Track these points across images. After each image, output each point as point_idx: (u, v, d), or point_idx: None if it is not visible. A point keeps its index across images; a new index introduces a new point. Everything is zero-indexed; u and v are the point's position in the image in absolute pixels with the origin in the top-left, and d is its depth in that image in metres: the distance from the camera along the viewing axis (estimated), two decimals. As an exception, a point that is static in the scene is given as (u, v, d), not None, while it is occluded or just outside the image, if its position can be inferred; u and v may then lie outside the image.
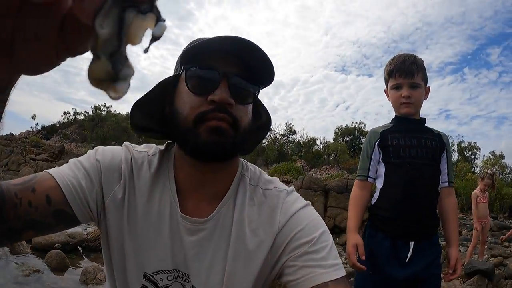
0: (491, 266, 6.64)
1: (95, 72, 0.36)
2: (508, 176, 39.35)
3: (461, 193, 20.89)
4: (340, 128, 56.50)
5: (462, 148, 50.75)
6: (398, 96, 2.50)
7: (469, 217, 18.29)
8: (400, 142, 2.46)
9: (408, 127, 2.54)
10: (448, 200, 2.54)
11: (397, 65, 2.48)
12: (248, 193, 1.17)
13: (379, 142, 2.54)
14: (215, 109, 1.01)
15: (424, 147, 2.45)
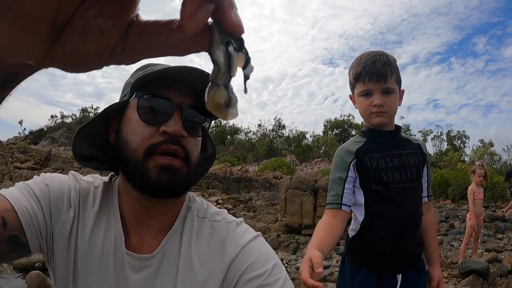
0: (486, 265, 6.51)
1: (216, 99, 0.40)
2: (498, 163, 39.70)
3: (452, 183, 20.89)
4: (329, 121, 56.89)
5: (451, 137, 51.42)
6: (368, 105, 2.07)
7: (460, 208, 18.34)
8: (380, 164, 2.06)
9: (385, 142, 2.14)
10: (427, 216, 2.22)
11: (366, 67, 2.03)
12: (195, 225, 1.13)
13: (355, 164, 2.09)
14: (168, 140, 0.97)
15: (408, 166, 2.09)
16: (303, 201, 9.88)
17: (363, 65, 2.05)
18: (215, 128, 57.99)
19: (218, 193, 17.72)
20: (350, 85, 2.21)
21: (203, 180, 19.30)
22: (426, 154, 2.21)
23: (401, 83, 2.15)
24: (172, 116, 0.98)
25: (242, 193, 18.75)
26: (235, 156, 42.81)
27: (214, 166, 26.19)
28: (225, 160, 33.38)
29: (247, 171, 26.18)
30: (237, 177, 21.58)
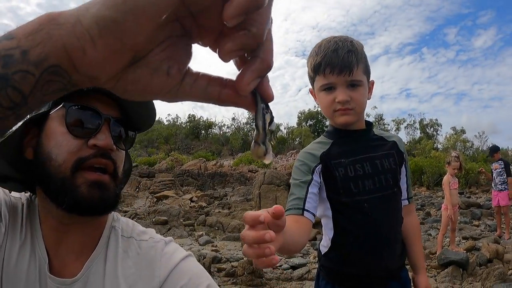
0: (465, 256, 6.46)
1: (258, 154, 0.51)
2: (470, 150, 40.56)
3: (427, 170, 21.17)
4: (303, 112, 56.99)
5: (424, 126, 52.53)
6: (330, 101, 1.72)
7: (436, 195, 18.49)
8: (349, 172, 1.73)
9: (354, 144, 1.81)
10: (409, 220, 1.93)
11: (327, 56, 1.67)
12: (121, 246, 1.07)
13: (321, 169, 1.75)
14: (98, 154, 0.94)
15: (382, 171, 1.76)
16: (277, 196, 9.72)
17: (322, 54, 1.68)
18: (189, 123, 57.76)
19: (193, 190, 17.37)
20: (308, 77, 1.87)
21: (176, 178, 18.97)
22: (403, 152, 1.90)
23: (369, 73, 1.81)
24: (101, 129, 0.95)
25: (217, 188, 18.48)
26: (209, 151, 42.53)
27: (189, 162, 25.84)
28: (200, 155, 33.03)
29: (221, 165, 25.89)
30: (211, 173, 21.26)
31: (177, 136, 50.34)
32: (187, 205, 12.92)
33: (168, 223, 9.88)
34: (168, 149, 43.78)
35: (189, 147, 48.19)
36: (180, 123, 60.72)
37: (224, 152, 46.25)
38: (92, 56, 0.41)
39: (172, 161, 26.81)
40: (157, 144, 48.61)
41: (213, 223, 10.00)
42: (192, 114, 60.77)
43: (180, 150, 43.01)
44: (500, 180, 8.79)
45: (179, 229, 9.68)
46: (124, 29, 0.40)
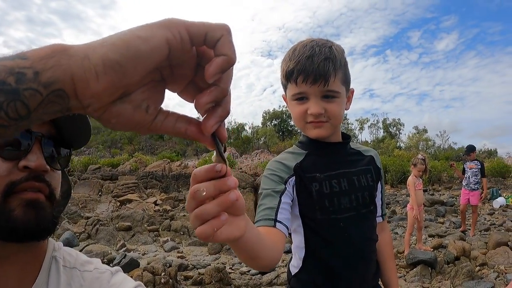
0: (433, 255, 6.52)
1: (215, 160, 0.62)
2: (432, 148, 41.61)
3: (390, 169, 21.50)
4: (268, 112, 57.16)
5: (387, 125, 53.71)
6: (303, 112, 1.54)
7: (400, 192, 18.76)
8: (324, 188, 1.56)
9: (330, 157, 1.64)
10: (382, 237, 1.80)
11: (300, 62, 1.47)
12: (63, 277, 0.98)
13: (294, 183, 1.57)
14: (30, 177, 0.86)
15: (359, 189, 1.62)
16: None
17: (296, 60, 1.48)
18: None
19: (157, 193, 17.03)
20: (281, 83, 1.66)
21: (140, 180, 18.60)
22: (380, 168, 1.77)
23: (349, 82, 1.62)
24: (31, 148, 0.88)
25: (182, 190, 18.18)
26: (174, 151, 42.08)
27: (153, 164, 25.44)
28: (164, 156, 32.59)
29: (186, 166, 25.56)
30: (176, 174, 20.92)
31: (141, 137, 49.62)
32: (151, 209, 12.64)
33: (132, 228, 9.62)
34: (132, 149, 43.12)
35: (153, 147, 47.62)
36: (144, 123, 60.14)
37: (189, 152, 45.88)
38: (94, 88, 0.48)
39: (136, 162, 26.34)
40: (120, 144, 47.88)
41: (178, 228, 9.77)
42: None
43: (144, 150, 42.44)
44: (474, 180, 8.91)
45: (144, 235, 9.42)
46: (124, 71, 0.48)
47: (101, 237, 9.00)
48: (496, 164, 24.14)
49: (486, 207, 13.33)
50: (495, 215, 11.92)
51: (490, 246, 7.44)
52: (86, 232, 9.24)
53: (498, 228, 9.85)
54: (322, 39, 1.57)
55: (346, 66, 1.57)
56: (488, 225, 10.24)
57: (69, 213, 11.01)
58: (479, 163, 9.04)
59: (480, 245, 7.73)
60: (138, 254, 7.90)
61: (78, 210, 11.94)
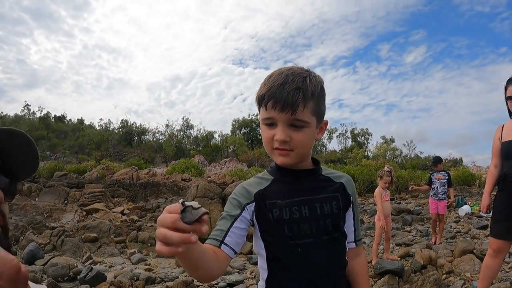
0: (400, 265, 6.53)
1: None
2: (400, 157, 42.42)
3: (358, 178, 21.75)
4: (237, 120, 57.20)
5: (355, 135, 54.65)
6: (270, 137, 1.56)
7: (367, 201, 18.95)
8: (283, 214, 1.57)
9: (296, 184, 1.65)
10: (357, 262, 1.79)
11: (272, 89, 1.50)
12: None
13: (254, 208, 1.60)
14: None
15: (321, 216, 1.61)
16: (211, 210, 9.49)
17: (269, 86, 1.51)
18: (121, 129, 56.46)
19: (124, 202, 16.75)
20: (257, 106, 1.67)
21: (107, 188, 18.28)
22: (351, 195, 1.74)
23: (322, 114, 1.63)
24: None
25: (149, 199, 17.96)
26: (142, 158, 41.67)
27: (120, 171, 25.08)
28: (132, 163, 32.22)
29: (154, 174, 25.25)
30: (144, 182, 20.58)
31: (109, 142, 48.98)
32: (118, 219, 12.39)
33: (99, 240, 9.38)
34: (100, 155, 42.45)
35: (122, 154, 47.00)
36: (112, 129, 59.37)
37: (158, 159, 45.52)
38: None
39: (103, 170, 25.92)
40: (88, 150, 47.13)
41: (145, 239, 9.59)
42: (125, 120, 59.53)
43: (112, 157, 41.83)
44: (442, 190, 9.07)
45: (110, 247, 9.22)
46: None
47: (67, 249, 8.76)
48: (461, 173, 24.77)
49: (452, 215, 13.56)
50: (461, 222, 12.12)
51: (456, 254, 7.53)
52: (51, 244, 8.97)
53: (464, 236, 10.02)
54: (302, 68, 1.60)
55: (320, 97, 1.57)
56: (454, 233, 10.40)
57: (33, 222, 10.70)
58: (446, 173, 9.23)
59: (446, 253, 7.84)
60: (104, 266, 7.71)
61: (43, 219, 11.60)
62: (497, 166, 4.52)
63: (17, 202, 13.30)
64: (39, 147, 13.91)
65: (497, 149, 4.46)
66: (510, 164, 4.27)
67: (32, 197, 15.69)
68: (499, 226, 4.26)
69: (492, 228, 4.44)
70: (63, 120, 65.99)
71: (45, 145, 46.68)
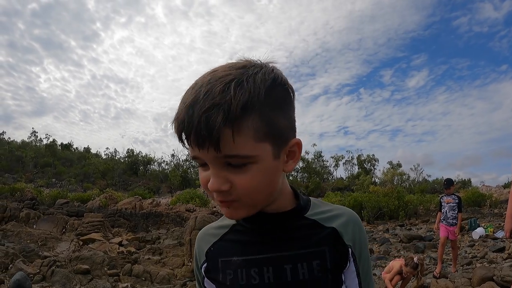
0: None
1: None
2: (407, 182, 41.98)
3: (366, 205, 21.16)
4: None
5: (362, 161, 54.72)
6: (205, 182, 0.95)
7: (376, 229, 18.35)
8: (238, 278, 1.03)
9: (259, 235, 1.07)
10: None
11: (180, 114, 0.88)
12: None
13: (205, 269, 1.12)
14: None
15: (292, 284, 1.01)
16: (209, 243, 9.02)
17: (178, 109, 0.91)
18: (128, 158, 56.54)
19: (124, 232, 16.23)
20: None
21: (107, 218, 17.76)
22: (351, 245, 1.07)
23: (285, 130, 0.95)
24: None
25: (151, 230, 17.43)
26: (147, 188, 41.35)
27: (123, 200, 24.58)
28: (136, 193, 31.81)
29: (158, 204, 24.76)
30: (146, 212, 20.07)
31: (114, 171, 48.85)
32: (114, 251, 11.87)
33: (91, 272, 8.84)
34: (105, 184, 42.23)
35: (127, 183, 46.84)
36: (118, 158, 59.72)
37: (163, 189, 45.27)
38: None
39: (106, 199, 25.47)
40: (93, 179, 46.95)
41: (140, 273, 9.02)
42: (131, 149, 59.70)
43: (117, 186, 41.68)
44: (452, 215, 8.51)
45: (102, 280, 8.65)
46: None
47: (56, 280, 8.27)
48: (471, 194, 24.13)
49: (465, 239, 12.95)
50: (476, 246, 11.52)
51: (475, 282, 6.93)
52: (41, 274, 8.48)
53: (481, 261, 9.43)
54: (237, 63, 0.98)
55: (273, 106, 0.92)
56: (469, 258, 9.82)
57: (26, 250, 10.21)
58: (457, 197, 8.67)
59: (464, 282, 7.20)
60: (93, 301, 7.19)
61: (37, 248, 11.10)
62: None
63: (12, 229, 12.87)
64: (44, 174, 13.43)
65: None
66: None
67: (30, 224, 15.20)
68: None
69: None
70: (70, 148, 66.42)
71: (51, 172, 46.56)
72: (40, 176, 43.50)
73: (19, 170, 45.90)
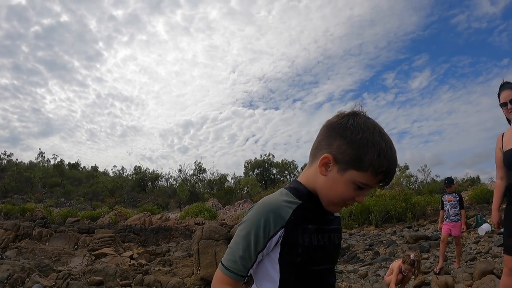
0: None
1: None
2: (415, 183, 41.80)
3: (373, 209, 21.25)
4: (249, 161, 57.09)
5: None
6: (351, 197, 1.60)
7: (384, 232, 18.44)
8: (313, 240, 1.56)
9: (318, 213, 1.63)
10: None
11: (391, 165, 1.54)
12: None
13: (282, 235, 1.53)
14: None
15: (334, 245, 1.68)
16: (217, 251, 9.26)
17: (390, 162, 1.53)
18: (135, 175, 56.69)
19: (134, 247, 16.49)
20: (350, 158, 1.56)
21: (118, 233, 18.04)
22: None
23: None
24: None
25: (161, 243, 17.67)
26: (156, 204, 41.54)
27: (133, 217, 24.85)
28: (145, 209, 32.05)
29: (167, 219, 24.99)
30: (155, 227, 20.34)
31: (122, 189, 49.04)
32: (126, 263, 12.13)
33: (104, 283, 9.12)
34: (113, 202, 42.44)
35: (135, 200, 46.96)
36: (126, 175, 59.73)
37: (172, 204, 45.36)
38: None
39: (116, 216, 25.74)
40: (102, 197, 47.15)
41: (151, 283, 9.28)
42: (138, 166, 59.85)
43: (126, 203, 41.82)
44: (454, 212, 8.76)
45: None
46: None
47: (71, 293, 8.54)
48: (479, 191, 24.02)
49: (471, 236, 13.08)
50: (481, 242, 11.65)
51: (476, 276, 7.11)
52: (56, 286, 8.76)
53: (484, 256, 9.58)
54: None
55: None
56: (474, 254, 9.98)
57: (41, 265, 10.50)
58: (457, 195, 8.93)
59: (465, 277, 7.40)
60: (107, 310, 7.44)
61: (51, 263, 11.39)
62: (503, 178, 4.21)
63: (26, 246, 13.16)
64: (53, 194, 13.74)
65: (500, 160, 4.17)
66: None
67: (42, 241, 15.50)
68: (510, 241, 3.96)
69: (504, 245, 4.13)
70: (77, 167, 66.48)
71: (60, 192, 46.77)
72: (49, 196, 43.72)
73: (28, 191, 46.15)
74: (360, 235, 18.45)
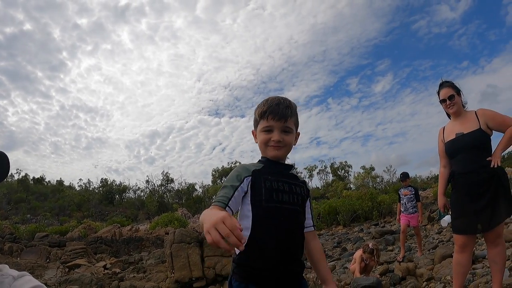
0: (375, 280, 6.50)
1: None
2: (381, 184, 42.65)
3: (341, 210, 21.82)
4: (217, 170, 57.16)
5: (335, 169, 55.04)
6: (267, 139, 2.33)
7: (352, 231, 19.03)
8: (273, 185, 2.25)
9: (279, 170, 2.37)
10: (315, 242, 2.50)
11: (271, 107, 2.30)
12: None
13: (250, 180, 2.24)
14: None
15: (295, 193, 2.32)
16: (189, 254, 9.46)
17: (268, 105, 2.30)
18: (102, 188, 55.78)
19: (107, 258, 16.49)
20: (254, 122, 2.45)
21: (89, 245, 17.99)
22: (309, 190, 2.50)
23: (298, 126, 2.45)
24: None
25: (133, 254, 17.68)
26: (125, 216, 41.07)
27: (103, 229, 24.67)
28: (114, 221, 31.76)
29: (137, 230, 24.90)
30: (126, 238, 20.33)
31: (90, 202, 48.24)
32: (100, 273, 12.20)
33: (80, 292, 9.27)
34: (81, 216, 41.72)
35: (104, 213, 46.17)
36: (92, 188, 58.57)
37: (141, 216, 44.88)
38: None
39: (85, 229, 25.48)
40: (69, 211, 46.25)
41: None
42: (105, 178, 58.78)
43: (94, 216, 41.13)
44: (411, 205, 9.33)
45: (92, 298, 9.08)
46: None
47: (48, 304, 8.62)
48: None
49: (435, 228, 13.69)
50: (443, 233, 12.25)
51: (436, 260, 7.63)
52: (32, 300, 8.82)
53: (446, 244, 10.11)
54: (284, 96, 2.41)
55: (297, 115, 2.44)
56: (436, 243, 10.51)
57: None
58: (413, 189, 9.50)
59: (426, 262, 7.91)
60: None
61: (24, 278, 11.37)
62: (445, 167, 4.82)
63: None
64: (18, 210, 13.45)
65: (442, 151, 4.77)
66: (455, 162, 4.55)
67: (14, 256, 15.36)
68: (458, 222, 4.48)
69: (452, 225, 4.63)
70: (42, 181, 64.43)
71: (25, 208, 45.54)
72: (15, 213, 42.50)
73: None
74: (328, 235, 19.01)
